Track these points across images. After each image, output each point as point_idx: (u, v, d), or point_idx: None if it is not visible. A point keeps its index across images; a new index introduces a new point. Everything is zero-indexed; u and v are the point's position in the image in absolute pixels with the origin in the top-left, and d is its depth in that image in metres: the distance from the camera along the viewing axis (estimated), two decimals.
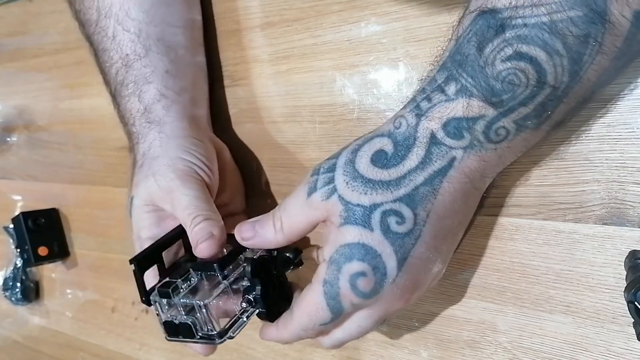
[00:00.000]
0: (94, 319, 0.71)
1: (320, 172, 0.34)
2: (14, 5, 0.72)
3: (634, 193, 0.33)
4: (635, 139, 0.33)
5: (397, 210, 0.32)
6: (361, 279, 0.33)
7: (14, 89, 0.75)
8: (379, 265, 0.32)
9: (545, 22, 0.26)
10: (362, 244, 0.32)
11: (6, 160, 0.79)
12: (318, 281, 0.34)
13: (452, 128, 0.30)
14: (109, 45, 0.46)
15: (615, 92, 0.33)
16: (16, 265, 0.77)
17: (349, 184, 0.33)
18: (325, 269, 0.34)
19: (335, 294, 0.34)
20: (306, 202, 0.34)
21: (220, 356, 0.57)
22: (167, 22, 0.46)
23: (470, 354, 0.41)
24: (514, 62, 0.28)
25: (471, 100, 0.29)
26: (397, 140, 0.32)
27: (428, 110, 0.31)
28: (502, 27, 0.27)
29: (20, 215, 0.70)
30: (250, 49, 0.49)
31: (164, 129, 0.44)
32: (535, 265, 0.37)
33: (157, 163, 0.43)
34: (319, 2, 0.44)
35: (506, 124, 0.30)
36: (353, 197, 0.32)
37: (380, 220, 0.32)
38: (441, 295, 0.42)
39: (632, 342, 0.34)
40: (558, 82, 0.28)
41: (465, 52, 0.29)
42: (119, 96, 0.46)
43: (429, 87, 0.31)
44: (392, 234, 0.32)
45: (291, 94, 0.47)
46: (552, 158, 0.35)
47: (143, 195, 0.43)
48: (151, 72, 0.45)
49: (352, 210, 0.32)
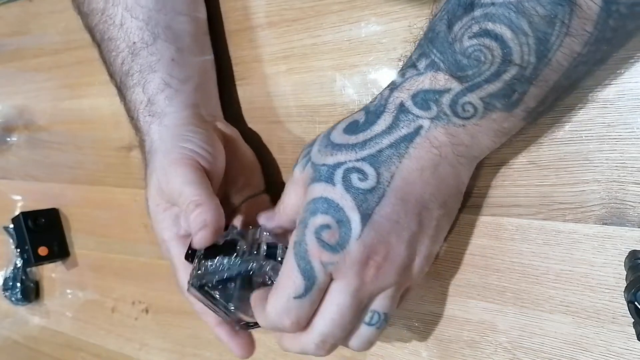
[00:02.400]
0: (94, 319, 0.72)
1: (303, 151, 0.37)
2: (14, 5, 0.72)
3: (634, 193, 0.33)
4: (635, 139, 0.33)
5: (360, 168, 0.33)
6: (326, 231, 0.33)
7: (14, 89, 0.75)
8: (343, 219, 0.33)
9: (512, 2, 0.27)
10: (325, 198, 0.33)
11: (6, 160, 0.79)
12: (290, 247, 0.34)
13: (419, 99, 0.32)
14: (115, 33, 0.45)
15: (615, 92, 0.33)
16: (16, 265, 0.77)
17: (320, 151, 0.35)
18: (295, 231, 0.35)
19: (304, 253, 0.33)
20: (293, 180, 0.38)
21: (221, 356, 0.57)
22: (176, 10, 0.46)
23: (470, 354, 0.41)
24: (480, 39, 0.29)
25: (438, 73, 0.31)
26: (369, 110, 0.34)
27: (400, 84, 0.33)
28: (471, 5, 0.29)
29: (20, 215, 0.70)
30: (250, 49, 0.49)
31: (164, 120, 0.44)
32: (535, 265, 0.37)
33: (156, 158, 0.43)
34: (319, 2, 0.44)
35: (472, 99, 0.31)
36: (320, 159, 0.35)
37: (342, 176, 0.33)
38: (441, 295, 0.42)
39: (632, 342, 0.34)
40: (524, 62, 0.28)
41: (436, 30, 0.31)
42: (124, 87, 0.46)
43: (405, 65, 0.33)
44: (353, 189, 0.33)
45: (291, 94, 0.47)
46: (552, 158, 0.35)
47: (153, 195, 0.43)
48: (157, 60, 0.44)
49: (318, 170, 0.34)
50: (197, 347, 0.60)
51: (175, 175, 0.41)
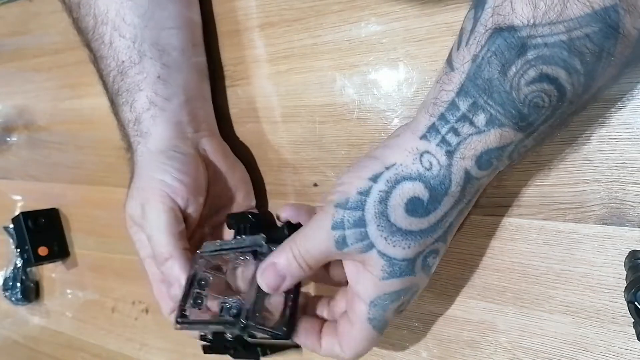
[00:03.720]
0: (94, 319, 0.71)
1: (345, 227, 0.32)
2: (14, 5, 0.72)
3: (634, 193, 0.33)
4: (635, 139, 0.33)
5: (436, 249, 0.34)
6: (404, 305, 0.36)
7: (14, 89, 0.75)
8: (418, 290, 0.35)
9: (564, 41, 0.26)
10: (407, 287, 0.34)
11: (6, 160, 0.79)
12: (362, 321, 0.35)
13: (484, 161, 0.30)
14: (105, 52, 0.46)
15: (615, 92, 0.33)
16: (16, 265, 0.77)
17: (389, 240, 0.32)
18: (367, 310, 0.34)
19: (384, 324, 0.35)
20: (337, 253, 0.34)
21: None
22: (161, 25, 0.46)
23: (470, 354, 0.41)
24: (539, 84, 0.27)
25: (503, 130, 0.29)
26: (431, 185, 0.31)
27: (458, 145, 0.30)
28: (523, 47, 0.26)
29: (20, 215, 0.70)
30: (250, 49, 0.49)
31: (149, 142, 0.45)
32: (535, 265, 0.37)
33: (135, 185, 0.45)
34: (319, 2, 0.44)
35: (528, 143, 0.30)
36: (397, 253, 0.32)
37: (422, 264, 0.34)
38: (441, 295, 0.42)
39: (632, 342, 0.34)
40: (574, 97, 0.28)
41: (487, 76, 0.28)
42: (115, 107, 0.47)
43: (451, 115, 0.29)
44: (428, 268, 0.34)
45: (291, 94, 0.47)
46: (552, 158, 0.35)
47: (129, 216, 0.45)
48: (143, 78, 0.45)
49: (397, 265, 0.33)
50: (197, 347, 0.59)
51: (149, 218, 0.43)
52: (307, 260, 0.35)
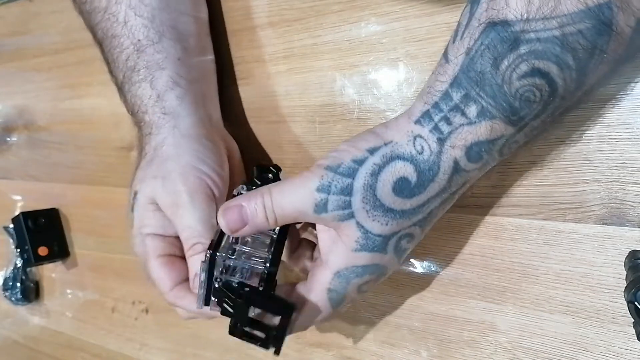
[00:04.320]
0: (94, 319, 0.71)
1: (331, 191, 0.32)
2: (14, 5, 0.72)
3: (634, 193, 0.33)
4: (635, 139, 0.33)
5: (411, 233, 0.34)
6: (366, 285, 0.36)
7: (14, 89, 0.75)
8: (385, 272, 0.35)
9: (557, 36, 0.26)
10: (376, 265, 0.34)
11: (6, 160, 0.79)
12: (321, 289, 0.35)
13: (474, 152, 0.30)
14: (119, 31, 0.45)
15: (615, 92, 0.33)
16: (16, 265, 0.77)
17: (370, 213, 0.32)
18: (330, 279, 0.35)
19: (341, 299, 0.36)
20: (312, 215, 0.33)
21: (221, 356, 0.57)
22: (180, 10, 0.46)
23: (470, 354, 0.41)
24: (530, 78, 0.27)
25: (494, 122, 0.29)
26: (420, 168, 0.31)
27: (450, 134, 0.30)
28: (516, 41, 0.27)
29: (20, 215, 0.70)
30: (250, 49, 0.49)
31: (179, 124, 0.43)
32: (535, 265, 0.37)
33: (168, 167, 0.42)
34: (319, 2, 0.44)
35: (519, 138, 0.30)
36: (374, 228, 0.32)
37: (395, 244, 0.34)
38: (441, 295, 0.42)
39: (632, 342, 0.34)
40: (566, 93, 0.28)
41: (480, 69, 0.28)
42: (128, 82, 0.45)
43: (444, 105, 0.30)
44: (401, 251, 0.35)
45: (291, 94, 0.47)
46: (552, 158, 0.35)
47: (148, 194, 0.43)
48: (164, 57, 0.44)
49: (371, 239, 0.33)
50: (197, 347, 0.60)
51: (191, 207, 0.41)
52: (276, 214, 0.34)
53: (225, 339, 0.56)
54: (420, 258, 0.42)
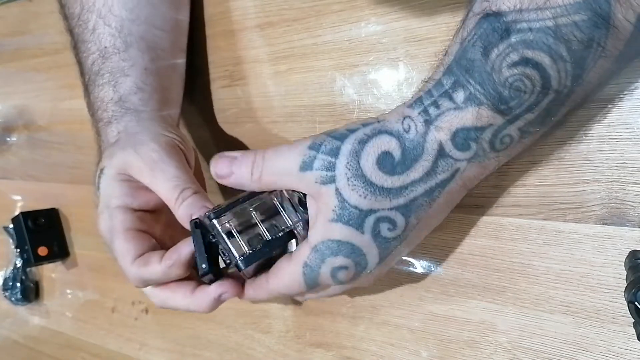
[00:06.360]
0: (94, 319, 0.71)
1: (320, 149, 0.33)
2: (14, 5, 0.72)
3: (634, 193, 0.33)
4: (635, 139, 0.33)
5: (392, 218, 0.33)
6: (342, 271, 0.34)
7: (14, 89, 0.75)
8: (362, 262, 0.34)
9: (550, 27, 0.26)
10: (351, 244, 0.33)
11: (6, 160, 0.79)
12: (298, 262, 0.35)
13: (460, 139, 0.30)
14: (88, 37, 0.47)
15: (615, 92, 0.33)
16: (16, 265, 0.77)
17: (350, 181, 0.32)
18: (308, 253, 0.34)
19: (315, 277, 0.35)
20: (296, 174, 0.34)
21: (220, 356, 0.57)
22: (150, 22, 0.47)
23: (470, 354, 0.41)
24: (520, 68, 0.27)
25: (480, 109, 0.29)
26: (405, 146, 0.32)
27: (437, 117, 0.31)
28: (507, 31, 0.27)
29: (20, 215, 0.70)
30: (250, 49, 0.49)
31: (141, 116, 0.44)
32: (535, 265, 0.37)
33: (137, 137, 0.43)
34: (319, 2, 0.44)
35: (512, 131, 0.30)
36: (351, 198, 0.32)
37: (373, 225, 0.33)
38: (441, 295, 0.42)
39: (632, 342, 0.34)
40: (561, 87, 0.28)
41: (470, 57, 0.29)
42: (92, 85, 0.46)
43: (435, 91, 0.31)
44: (381, 238, 0.33)
45: (291, 94, 0.47)
46: (552, 158, 0.35)
47: (118, 165, 0.42)
48: (130, 66, 0.45)
49: (347, 210, 0.32)
50: (197, 347, 0.60)
51: (169, 159, 0.41)
52: (263, 173, 0.35)
53: (225, 339, 0.56)
54: (420, 258, 0.42)
